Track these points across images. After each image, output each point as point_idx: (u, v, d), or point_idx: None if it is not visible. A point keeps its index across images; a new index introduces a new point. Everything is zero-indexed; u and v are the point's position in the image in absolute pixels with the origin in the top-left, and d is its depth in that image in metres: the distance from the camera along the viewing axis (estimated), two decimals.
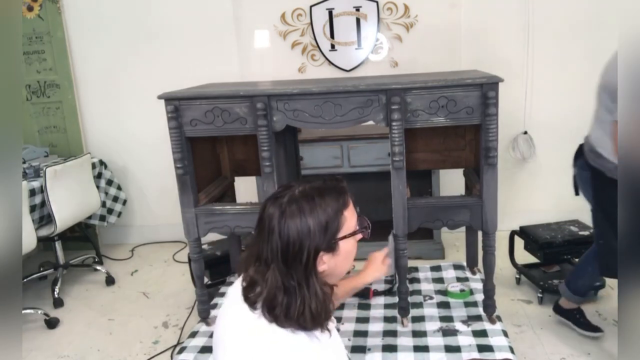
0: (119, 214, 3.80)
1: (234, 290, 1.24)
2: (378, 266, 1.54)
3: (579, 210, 3.56)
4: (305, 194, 1.16)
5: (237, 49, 3.60)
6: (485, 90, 1.51)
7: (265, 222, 1.14)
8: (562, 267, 2.92)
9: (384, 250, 1.57)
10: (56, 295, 3.11)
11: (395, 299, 1.85)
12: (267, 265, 1.12)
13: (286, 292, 1.10)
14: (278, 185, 1.68)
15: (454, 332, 1.68)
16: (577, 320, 2.40)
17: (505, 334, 1.67)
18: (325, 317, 1.13)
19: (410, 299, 1.87)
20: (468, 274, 2.11)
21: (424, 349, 1.60)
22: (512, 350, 1.59)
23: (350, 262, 1.25)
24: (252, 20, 3.56)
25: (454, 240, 3.46)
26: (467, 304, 1.86)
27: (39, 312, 2.90)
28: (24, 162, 3.39)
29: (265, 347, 1.08)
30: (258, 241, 1.16)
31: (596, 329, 2.35)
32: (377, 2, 3.44)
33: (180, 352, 1.72)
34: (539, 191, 3.74)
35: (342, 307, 1.98)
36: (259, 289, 1.12)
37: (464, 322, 1.74)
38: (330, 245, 1.15)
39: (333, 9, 3.47)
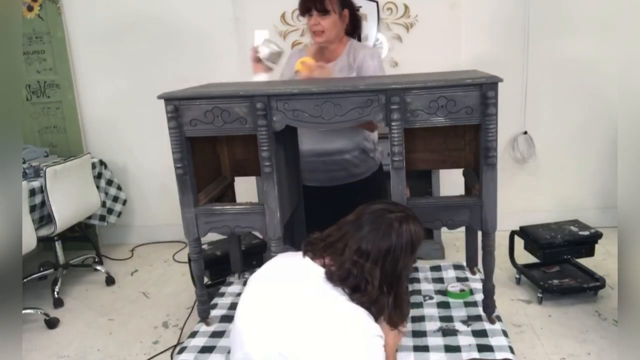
0: (119, 214, 3.80)
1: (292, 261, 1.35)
2: None
3: (579, 210, 3.58)
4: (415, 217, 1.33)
5: (237, 49, 3.60)
6: (485, 90, 1.51)
7: (384, 221, 1.26)
8: (562, 267, 2.92)
9: None
10: (56, 295, 3.12)
11: None
12: (367, 260, 1.23)
13: (381, 292, 1.24)
14: (277, 185, 1.68)
15: (453, 332, 1.68)
16: None
17: (505, 334, 1.67)
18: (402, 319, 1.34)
19: (410, 299, 1.87)
20: (468, 274, 2.11)
21: (424, 348, 1.60)
22: (512, 350, 1.59)
23: None
24: (252, 20, 3.56)
25: (454, 240, 3.47)
26: (467, 304, 1.86)
27: (39, 312, 2.91)
28: (24, 162, 3.39)
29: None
30: (358, 234, 1.26)
31: None
32: (377, 2, 3.44)
33: (180, 352, 1.72)
34: (539, 191, 3.74)
35: None
36: (352, 279, 1.23)
37: (463, 322, 1.74)
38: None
39: None
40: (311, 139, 2.15)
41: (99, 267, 3.48)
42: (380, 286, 1.23)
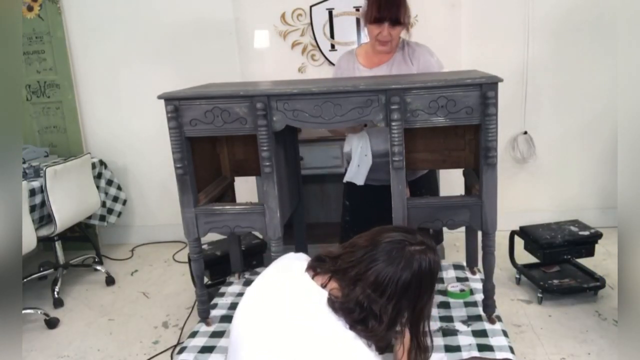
0: (119, 214, 3.80)
1: (297, 274, 1.25)
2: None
3: (579, 210, 3.58)
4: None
5: (237, 49, 3.60)
6: (485, 90, 1.51)
7: (404, 254, 1.16)
8: (562, 267, 2.92)
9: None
10: (56, 295, 3.12)
11: None
12: (382, 295, 1.14)
13: (388, 329, 1.16)
14: (277, 185, 1.68)
15: (454, 332, 1.68)
16: None
17: (505, 334, 1.67)
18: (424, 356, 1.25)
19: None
20: (468, 274, 2.11)
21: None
22: (512, 350, 1.59)
23: None
24: (252, 20, 3.56)
25: (454, 240, 3.47)
26: (467, 304, 1.86)
27: (39, 312, 2.91)
28: (24, 162, 3.39)
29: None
30: (374, 265, 1.16)
31: None
32: None
33: (180, 352, 1.72)
34: (539, 191, 3.74)
35: None
36: (358, 313, 1.14)
37: (463, 322, 1.74)
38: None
39: (333, 9, 3.47)
40: (375, 141, 2.16)
41: (99, 267, 3.48)
42: (389, 324, 1.16)
